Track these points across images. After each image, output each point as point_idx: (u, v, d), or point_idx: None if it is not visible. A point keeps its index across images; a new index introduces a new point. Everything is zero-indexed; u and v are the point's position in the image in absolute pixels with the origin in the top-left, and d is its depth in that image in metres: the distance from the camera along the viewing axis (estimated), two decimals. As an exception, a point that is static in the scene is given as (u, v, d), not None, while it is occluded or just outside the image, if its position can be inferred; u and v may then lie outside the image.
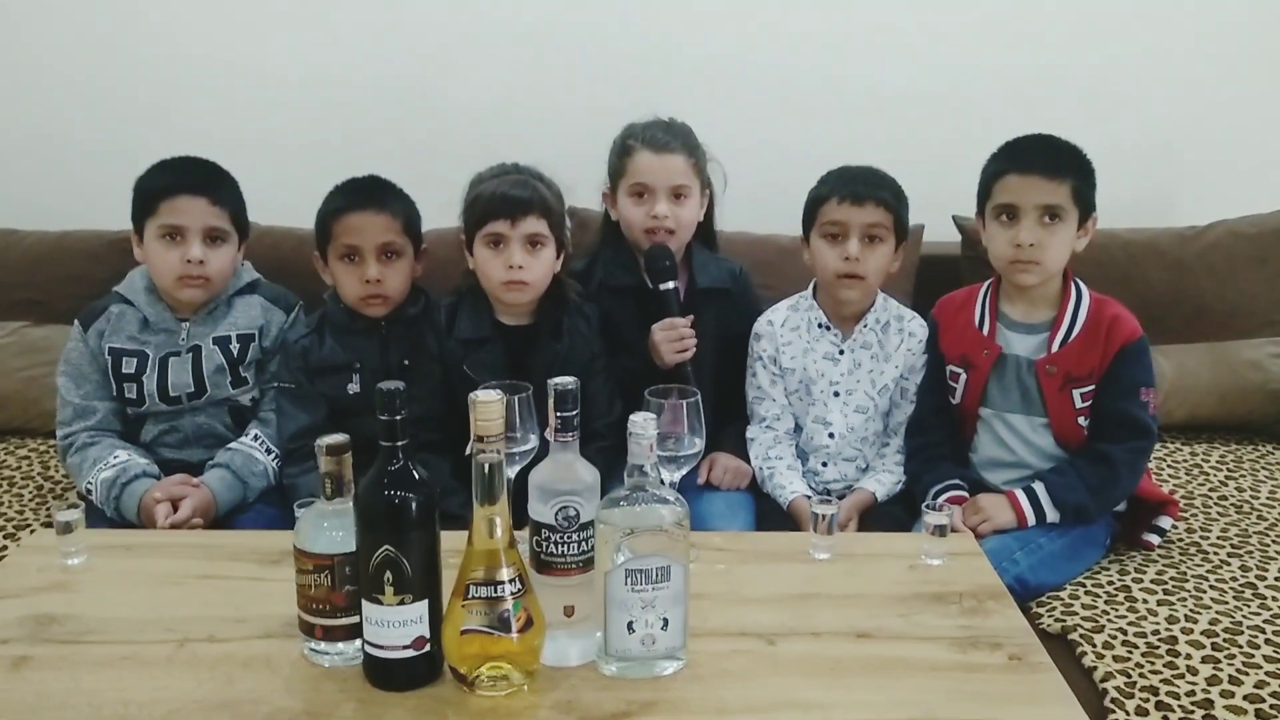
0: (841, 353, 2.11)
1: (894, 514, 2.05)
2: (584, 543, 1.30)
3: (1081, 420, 1.97)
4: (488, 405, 1.22)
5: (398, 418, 1.24)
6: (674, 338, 2.06)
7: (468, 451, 1.24)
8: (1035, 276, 1.96)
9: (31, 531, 2.00)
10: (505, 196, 1.96)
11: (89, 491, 1.97)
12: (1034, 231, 1.93)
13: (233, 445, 2.04)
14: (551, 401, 1.29)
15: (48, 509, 2.11)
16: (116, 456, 1.99)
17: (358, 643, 1.29)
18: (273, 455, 2.05)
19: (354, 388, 2.04)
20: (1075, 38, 2.75)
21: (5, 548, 1.96)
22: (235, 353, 2.07)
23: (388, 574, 1.23)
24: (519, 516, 1.30)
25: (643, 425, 1.27)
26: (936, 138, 2.59)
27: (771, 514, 2.08)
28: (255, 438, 2.05)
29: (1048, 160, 1.95)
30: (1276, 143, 2.80)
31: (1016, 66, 2.74)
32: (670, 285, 2.10)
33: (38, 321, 2.50)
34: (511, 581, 1.24)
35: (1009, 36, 2.75)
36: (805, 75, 2.75)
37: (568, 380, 1.29)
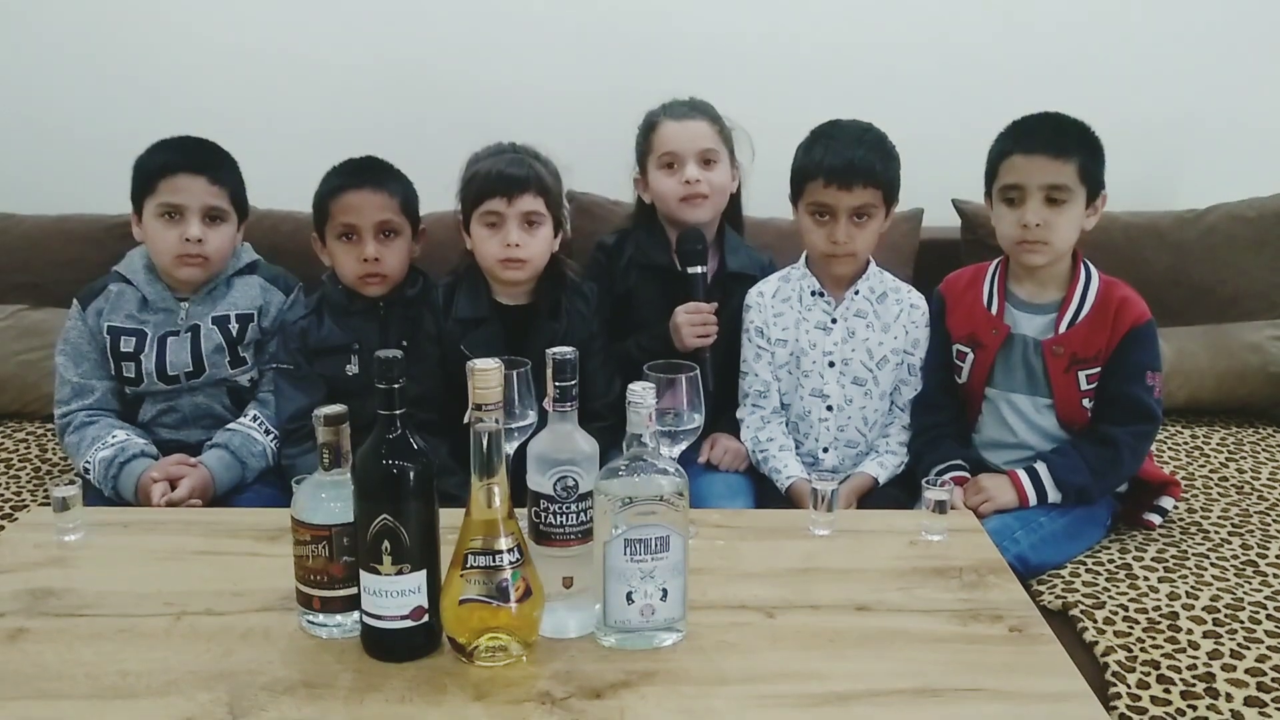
0: (834, 321, 2.10)
1: (894, 496, 2.04)
2: (582, 513, 1.30)
3: (1086, 402, 1.96)
4: (486, 373, 1.21)
5: (395, 386, 1.23)
6: (697, 321, 2.05)
7: (466, 419, 1.23)
8: (1043, 257, 1.95)
9: (29, 512, 2.00)
10: (501, 175, 1.96)
11: (86, 471, 1.97)
12: (1040, 212, 1.92)
13: (231, 426, 2.04)
14: (550, 371, 1.28)
15: (45, 490, 2.11)
16: (114, 436, 1.99)
17: (356, 614, 1.29)
18: (271, 436, 2.04)
19: (352, 369, 2.04)
20: (1076, 22, 2.75)
21: (2, 528, 1.95)
22: (234, 333, 2.07)
23: (386, 543, 1.23)
24: (518, 492, 1.29)
25: (641, 394, 1.27)
26: (937, 121, 2.58)
27: (771, 497, 2.07)
28: (254, 418, 2.05)
29: (1052, 139, 1.93)
30: (1276, 126, 2.79)
31: (1017, 51, 2.75)
32: (699, 270, 2.09)
33: (35, 305, 2.50)
34: (510, 551, 1.24)
35: (1010, 21, 2.75)
36: (803, 60, 2.75)
37: (566, 350, 1.29)
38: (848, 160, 1.97)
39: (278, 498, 1.95)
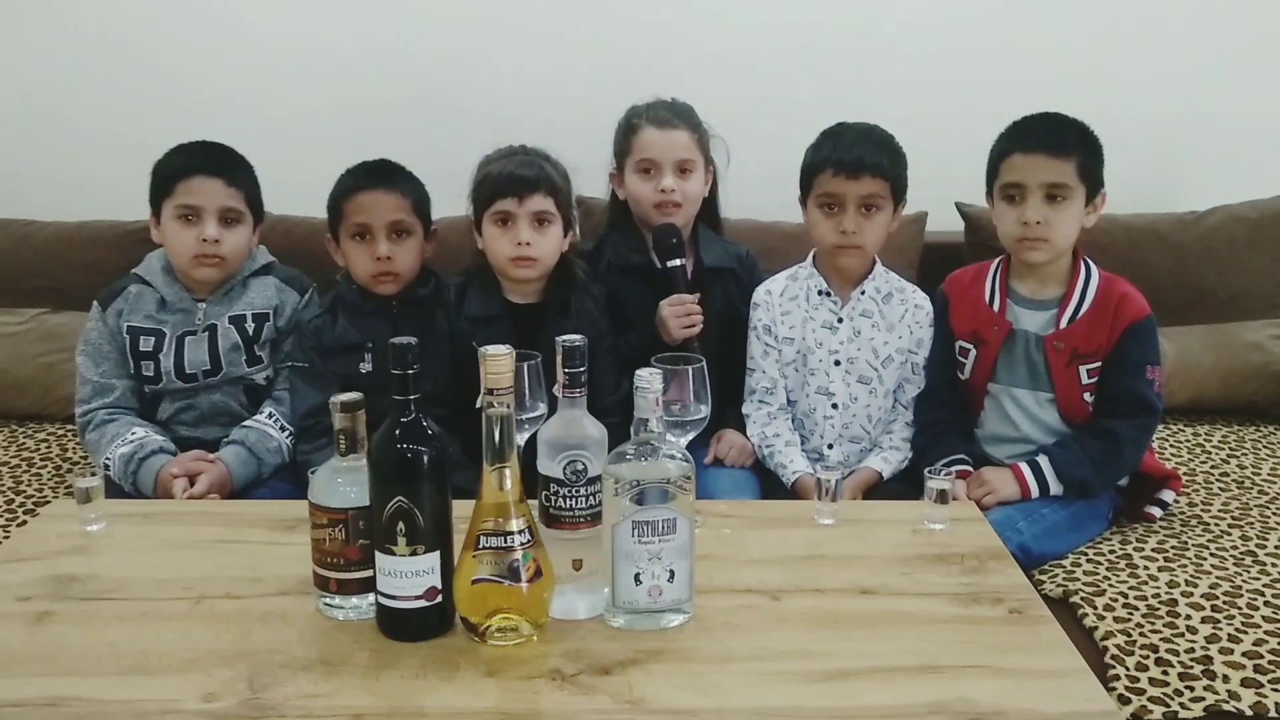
0: (840, 320, 2.13)
1: (898, 491, 2.06)
2: (591, 497, 1.33)
3: (1087, 396, 2.00)
4: (498, 358, 1.26)
5: (410, 371, 1.27)
6: (681, 313, 2.09)
7: (478, 405, 1.27)
8: (1043, 254, 1.99)
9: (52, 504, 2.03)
10: (512, 175, 2.01)
11: (107, 467, 2.00)
12: (1040, 210, 1.96)
13: (248, 423, 2.08)
14: (559, 358, 1.32)
15: (66, 486, 2.15)
16: (134, 433, 2.03)
17: (371, 597, 1.32)
18: (287, 433, 2.08)
19: (366, 367, 2.06)
20: (1078, 29, 2.79)
21: (25, 523, 1.99)
22: (250, 332, 2.12)
23: (400, 525, 1.26)
24: (528, 484, 1.32)
25: (648, 380, 1.30)
26: (940, 126, 2.60)
27: (776, 492, 2.09)
28: (270, 415, 2.09)
29: (1052, 139, 1.97)
30: (1275, 129, 2.83)
31: (1019, 57, 2.78)
32: (678, 262, 2.14)
33: (56, 309, 2.55)
34: (521, 532, 1.27)
35: (1012, 27, 2.79)
36: (808, 63, 2.79)
37: (575, 337, 1.33)
38: (856, 153, 2.02)
39: (293, 493, 1.98)
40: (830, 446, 2.15)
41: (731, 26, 2.79)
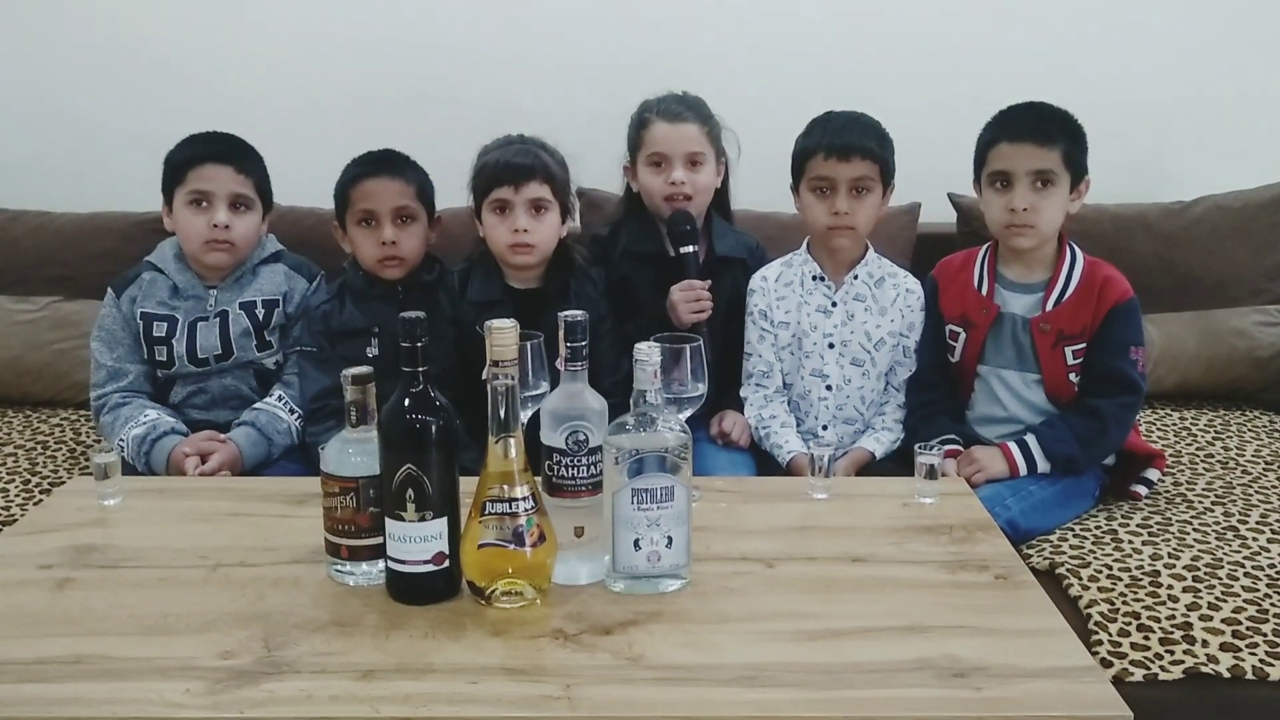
0: (834, 305, 2.18)
1: (890, 471, 2.10)
2: (593, 466, 1.38)
3: (1073, 377, 2.05)
4: (503, 331, 1.31)
5: (419, 344, 1.33)
6: (691, 298, 2.14)
7: (484, 377, 1.32)
8: (1030, 240, 2.04)
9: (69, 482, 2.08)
10: (509, 164, 2.07)
11: (120, 448, 2.05)
12: (1027, 196, 2.01)
13: (258, 405, 2.13)
14: (561, 332, 1.37)
15: (81, 468, 2.20)
16: (147, 415, 2.08)
17: (381, 564, 1.37)
18: (296, 415, 2.13)
19: (372, 351, 2.11)
20: (1067, 21, 2.83)
21: (41, 501, 2.04)
22: (260, 317, 2.17)
23: (409, 491, 1.31)
24: (532, 460, 1.36)
25: (647, 353, 1.35)
26: (932, 118, 2.64)
27: (773, 473, 2.13)
28: (279, 398, 2.14)
29: (1038, 127, 2.03)
30: (1260, 121, 2.87)
31: (1008, 49, 2.82)
32: (690, 249, 2.18)
33: (69, 297, 2.59)
34: (525, 499, 1.32)
35: (1001, 19, 2.83)
36: (800, 58, 2.83)
37: (577, 313, 1.38)
38: (846, 137, 2.08)
39: (302, 474, 2.00)
40: (825, 428, 2.20)
41: (730, 19, 2.83)
